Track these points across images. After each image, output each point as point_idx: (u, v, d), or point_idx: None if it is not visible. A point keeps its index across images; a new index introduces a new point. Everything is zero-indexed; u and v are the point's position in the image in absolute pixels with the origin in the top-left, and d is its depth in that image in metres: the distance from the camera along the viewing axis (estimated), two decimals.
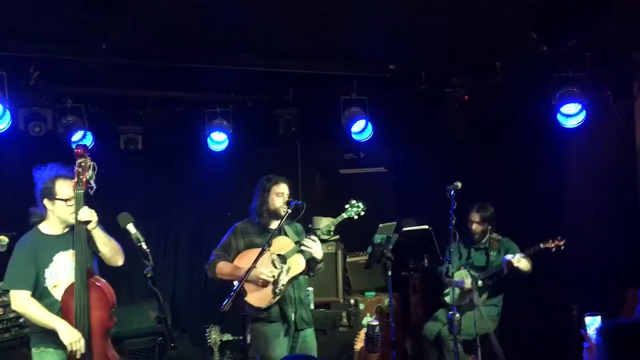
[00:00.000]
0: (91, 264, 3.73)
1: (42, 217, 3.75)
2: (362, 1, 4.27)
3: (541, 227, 5.59)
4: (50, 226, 3.75)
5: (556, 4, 2.92)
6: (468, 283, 5.19)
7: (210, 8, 4.23)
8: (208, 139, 5.90)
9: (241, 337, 4.17)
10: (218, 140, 5.93)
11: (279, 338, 4.31)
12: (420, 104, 5.90)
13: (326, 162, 6.81)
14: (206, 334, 5.45)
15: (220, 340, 5.45)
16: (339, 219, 4.59)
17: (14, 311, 4.67)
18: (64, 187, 3.66)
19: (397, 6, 4.32)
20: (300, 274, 4.45)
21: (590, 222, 5.52)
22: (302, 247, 4.36)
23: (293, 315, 4.37)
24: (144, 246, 3.52)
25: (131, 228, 3.60)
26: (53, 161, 3.94)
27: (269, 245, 4.18)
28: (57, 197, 3.66)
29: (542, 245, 5.08)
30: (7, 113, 4.54)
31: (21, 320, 4.72)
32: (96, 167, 3.62)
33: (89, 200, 3.65)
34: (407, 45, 5.06)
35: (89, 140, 5.54)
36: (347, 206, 4.60)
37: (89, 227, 3.61)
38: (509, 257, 5.07)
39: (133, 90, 5.62)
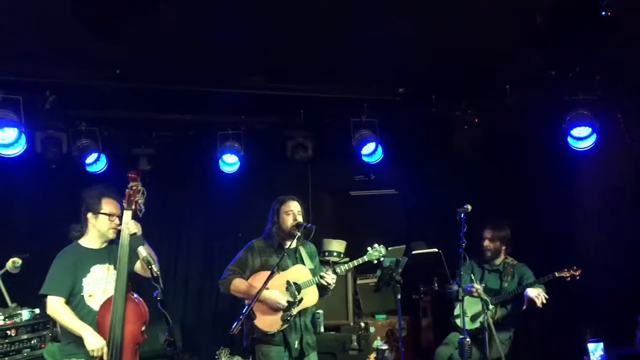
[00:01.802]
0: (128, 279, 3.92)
1: (82, 233, 4.07)
2: (372, 24, 4.31)
3: (552, 250, 5.56)
4: (89, 240, 4.05)
5: (560, 29, 2.95)
6: (478, 289, 5.06)
7: (220, 32, 4.29)
8: (220, 160, 5.95)
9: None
10: (229, 162, 5.98)
11: None
12: (431, 127, 5.91)
13: (337, 184, 6.83)
14: (216, 357, 5.43)
15: None
16: (360, 260, 4.65)
17: (26, 332, 4.76)
18: (109, 205, 4.03)
19: (407, 29, 4.36)
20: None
21: (601, 246, 5.47)
22: (322, 281, 4.42)
23: (297, 342, 4.41)
24: (155, 269, 3.62)
25: (142, 251, 3.70)
26: (67, 183, 4.42)
27: (282, 267, 4.22)
28: (101, 211, 4.00)
29: (557, 274, 5.01)
30: (23, 137, 4.61)
31: (33, 342, 4.78)
32: (145, 193, 3.94)
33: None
34: (417, 68, 5.09)
35: (102, 163, 5.62)
36: (368, 249, 4.67)
37: (135, 237, 3.86)
38: (531, 294, 4.94)
39: (145, 113, 5.69)
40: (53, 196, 5.65)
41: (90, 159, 5.52)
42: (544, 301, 4.87)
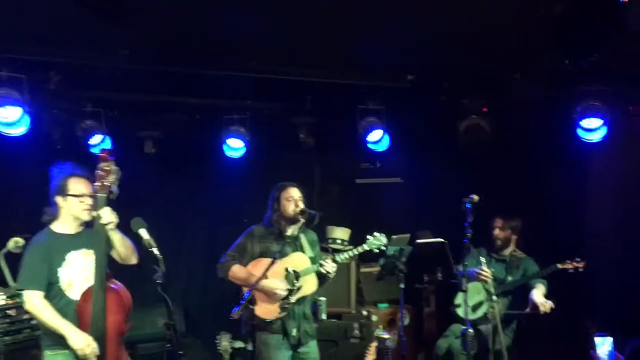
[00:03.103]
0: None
1: (54, 217, 3.79)
2: (381, 11, 4.25)
3: (559, 243, 5.50)
4: (63, 225, 3.78)
5: (578, 18, 2.88)
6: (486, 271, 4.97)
7: (228, 17, 4.25)
8: (225, 145, 5.91)
9: (250, 348, 4.18)
10: (235, 147, 5.94)
11: (281, 349, 4.36)
12: (438, 115, 5.85)
13: (342, 171, 6.79)
14: (217, 341, 5.43)
15: (232, 347, 5.42)
16: (360, 249, 4.60)
17: (27, 312, 4.73)
18: (77, 185, 3.73)
19: (416, 17, 4.29)
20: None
21: (609, 239, 5.41)
22: (322, 269, 4.38)
23: (295, 330, 4.39)
24: (156, 251, 3.53)
25: (144, 233, 3.62)
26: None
27: (282, 255, 4.19)
28: (69, 193, 3.71)
29: (559, 266, 4.98)
30: (27, 117, 4.58)
31: (33, 322, 4.73)
32: (119, 172, 3.68)
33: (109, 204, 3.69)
34: (426, 55, 5.02)
35: (107, 144, 5.59)
36: (368, 237, 4.61)
37: (108, 227, 3.63)
38: (538, 299, 4.92)
39: (152, 95, 5.65)
40: None
41: (95, 140, 5.49)
42: (549, 311, 4.84)
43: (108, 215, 3.59)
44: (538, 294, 4.97)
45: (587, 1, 2.88)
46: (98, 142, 5.52)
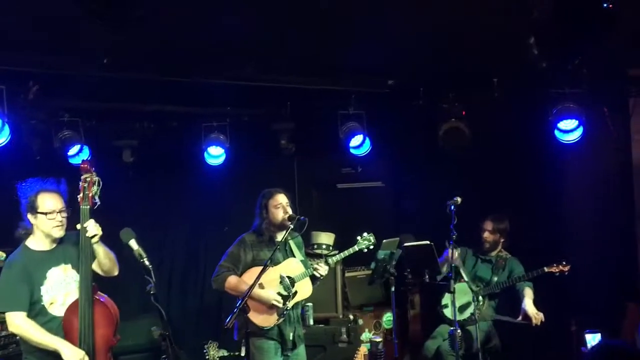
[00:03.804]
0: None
1: (28, 232, 3.69)
2: (361, 17, 4.29)
3: (539, 242, 5.61)
4: (38, 241, 3.68)
5: (563, 22, 2.96)
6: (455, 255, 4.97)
7: (207, 23, 4.23)
8: (205, 153, 5.87)
9: (243, 354, 4.16)
10: (215, 155, 5.90)
11: (275, 354, 4.37)
12: (418, 119, 5.92)
13: (323, 177, 6.80)
14: (204, 350, 5.39)
15: (219, 356, 5.39)
16: (351, 250, 4.69)
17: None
18: (47, 201, 3.61)
19: (396, 21, 4.35)
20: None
21: (588, 237, 5.55)
22: (316, 273, 4.45)
23: (291, 334, 4.42)
24: (147, 262, 3.53)
25: (133, 244, 3.60)
26: (52, 175, 3.91)
27: (274, 261, 4.20)
28: (38, 210, 3.59)
29: (545, 269, 5.06)
30: (6, 127, 4.48)
31: (18, 337, 4.63)
32: (101, 183, 3.62)
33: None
34: (405, 60, 5.08)
35: (85, 154, 5.50)
36: (358, 238, 4.71)
37: (94, 240, 3.58)
38: (530, 311, 4.98)
39: (130, 104, 5.58)
40: None
41: (73, 150, 5.40)
42: (539, 323, 4.92)
43: (93, 228, 3.54)
44: (530, 304, 5.04)
45: (572, 5, 2.96)
46: (76, 152, 5.43)
